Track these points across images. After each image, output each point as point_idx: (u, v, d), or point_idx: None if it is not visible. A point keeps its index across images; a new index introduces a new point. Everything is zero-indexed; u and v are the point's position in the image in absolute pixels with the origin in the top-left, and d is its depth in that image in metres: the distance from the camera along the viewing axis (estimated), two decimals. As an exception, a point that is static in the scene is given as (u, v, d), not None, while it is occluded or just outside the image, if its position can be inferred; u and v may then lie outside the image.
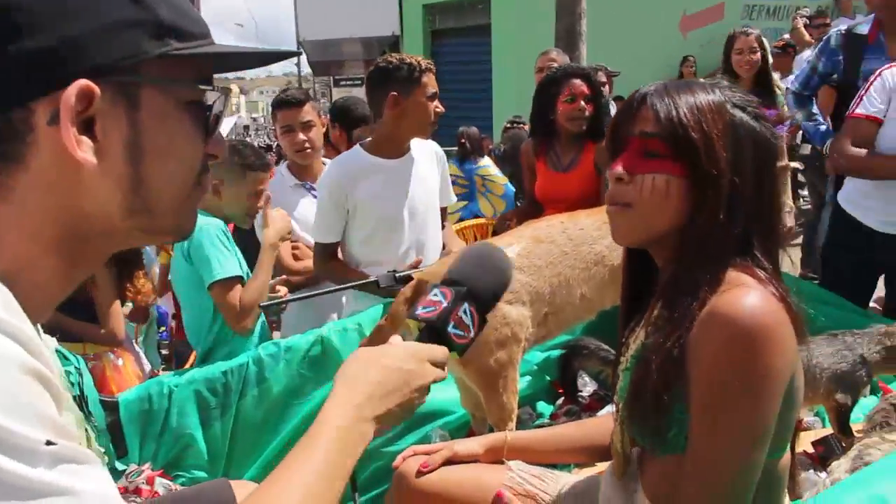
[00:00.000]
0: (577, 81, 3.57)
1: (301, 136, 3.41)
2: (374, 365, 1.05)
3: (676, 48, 8.74)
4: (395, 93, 2.86)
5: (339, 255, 3.04)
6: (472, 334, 1.19)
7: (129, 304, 3.78)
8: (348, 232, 3.00)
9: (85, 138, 0.74)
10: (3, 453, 0.61)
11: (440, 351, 1.13)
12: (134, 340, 3.91)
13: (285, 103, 3.48)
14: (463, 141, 6.93)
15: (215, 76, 0.88)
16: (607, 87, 5.89)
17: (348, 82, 23.03)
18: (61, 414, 0.69)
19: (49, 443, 0.64)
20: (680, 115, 1.27)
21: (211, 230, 2.69)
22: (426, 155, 3.09)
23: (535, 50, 5.54)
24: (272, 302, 2.87)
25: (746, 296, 1.19)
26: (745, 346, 1.16)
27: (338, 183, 2.93)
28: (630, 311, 1.50)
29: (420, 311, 1.19)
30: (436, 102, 2.92)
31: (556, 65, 5.11)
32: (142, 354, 3.70)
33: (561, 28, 7.86)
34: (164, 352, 5.03)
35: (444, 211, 3.29)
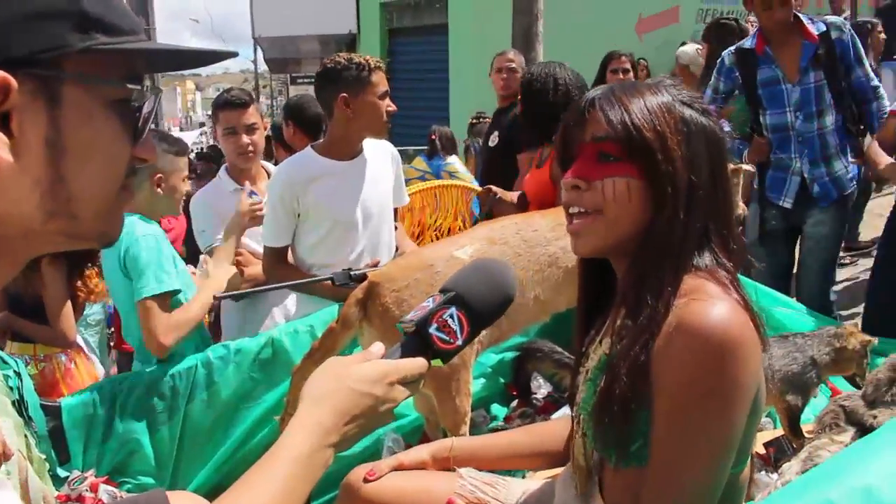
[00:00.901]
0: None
1: (245, 138, 3.28)
2: (343, 388, 1.02)
3: (632, 50, 8.81)
4: (344, 94, 2.82)
5: (290, 258, 2.98)
6: (458, 341, 1.12)
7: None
8: (299, 235, 2.93)
9: (0, 134, 0.69)
10: None
11: (415, 366, 1.09)
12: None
13: (229, 104, 3.34)
14: (433, 138, 7.19)
15: (170, 73, 0.83)
16: None
17: (305, 80, 22.86)
18: None
19: None
20: (631, 116, 1.26)
21: (149, 242, 2.52)
22: (380, 156, 3.04)
23: (492, 49, 5.54)
24: (228, 294, 2.81)
25: (714, 307, 1.17)
26: (714, 360, 1.14)
27: (289, 185, 2.87)
28: (588, 320, 1.47)
29: (410, 316, 1.15)
30: (387, 101, 2.88)
31: (513, 65, 5.11)
32: (96, 357, 3.62)
33: (518, 28, 7.86)
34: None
35: (397, 211, 3.25)
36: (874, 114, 3.69)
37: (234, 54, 0.89)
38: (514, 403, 2.77)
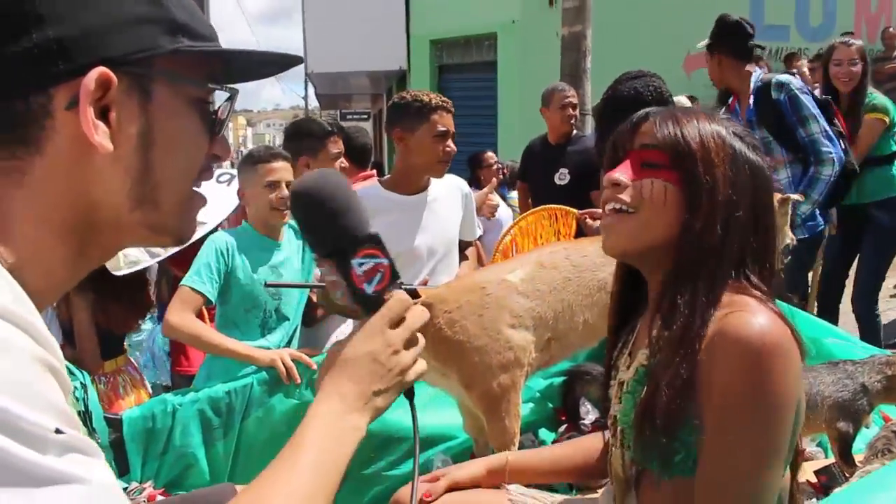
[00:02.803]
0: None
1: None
2: (340, 362, 1.00)
3: (680, 87, 8.83)
4: (398, 129, 2.91)
5: None
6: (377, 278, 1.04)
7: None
8: None
9: (101, 124, 0.77)
10: (13, 438, 0.61)
11: (394, 310, 1.01)
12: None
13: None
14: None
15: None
16: None
17: (355, 116, 23.25)
18: (68, 404, 0.70)
19: (58, 431, 0.64)
20: (682, 130, 1.30)
21: (216, 241, 2.81)
22: (449, 191, 3.10)
23: (540, 86, 5.58)
24: (278, 283, 2.91)
25: (755, 316, 1.20)
26: (760, 368, 1.17)
27: None
28: (618, 332, 1.51)
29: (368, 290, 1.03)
30: (447, 142, 2.92)
31: (575, 100, 5.15)
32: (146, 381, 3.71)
33: (566, 65, 7.95)
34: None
35: (468, 244, 3.31)
36: (810, 178, 3.76)
37: (300, 59, 0.96)
38: (563, 428, 2.79)
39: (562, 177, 5.00)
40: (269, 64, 0.95)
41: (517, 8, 11.64)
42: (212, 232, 3.19)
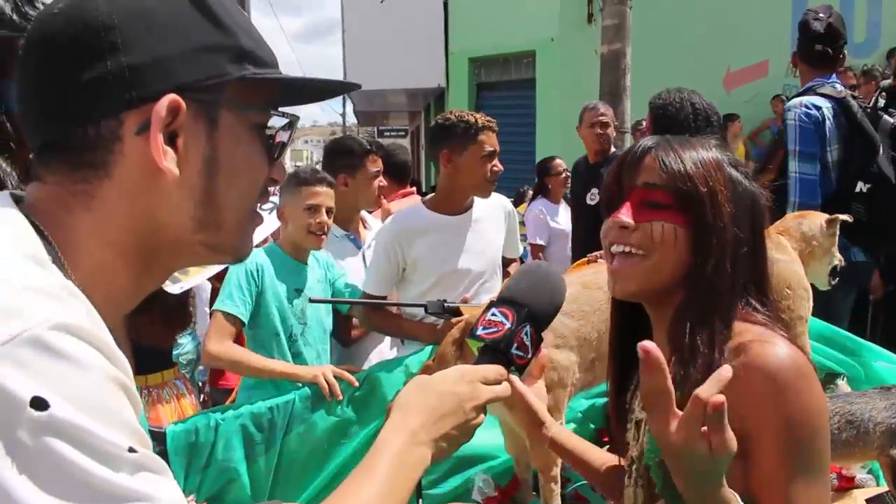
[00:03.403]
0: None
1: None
2: (427, 390, 1.04)
3: (720, 104, 8.79)
4: (446, 150, 2.92)
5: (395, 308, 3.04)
6: (530, 355, 1.18)
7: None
8: (405, 286, 3.01)
9: (169, 149, 0.79)
10: (89, 456, 0.63)
11: (493, 371, 1.11)
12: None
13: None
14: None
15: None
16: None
17: (392, 132, 23.41)
18: (138, 421, 0.71)
19: (132, 450, 0.66)
20: (686, 168, 1.29)
21: (246, 262, 2.72)
22: (492, 210, 3.11)
23: (579, 104, 5.59)
24: (321, 299, 2.92)
25: (775, 345, 1.22)
26: (795, 398, 1.19)
27: (395, 238, 2.97)
28: (623, 371, 1.49)
29: (481, 332, 1.17)
30: (494, 161, 2.93)
31: (606, 119, 5.14)
32: (195, 391, 3.76)
33: (605, 83, 7.94)
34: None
35: (511, 262, 3.33)
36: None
37: (357, 86, 0.99)
38: (605, 449, 2.76)
39: (592, 197, 5.00)
40: (327, 90, 0.97)
41: (556, 26, 11.66)
42: None
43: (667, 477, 1.30)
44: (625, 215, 1.31)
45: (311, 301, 2.85)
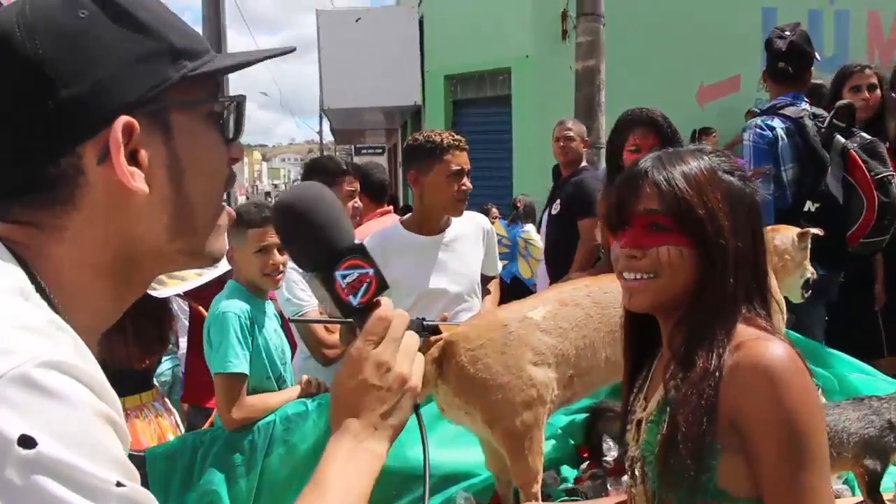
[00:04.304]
0: (641, 131, 3.44)
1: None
2: (342, 393, 1.00)
3: (694, 118, 8.88)
4: (413, 171, 2.94)
5: None
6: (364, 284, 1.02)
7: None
8: None
9: (136, 170, 0.79)
10: (77, 492, 0.63)
11: (373, 326, 1.00)
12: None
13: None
14: (518, 206, 7.51)
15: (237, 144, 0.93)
16: None
17: (369, 150, 23.41)
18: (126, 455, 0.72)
19: (119, 484, 0.66)
20: (682, 190, 1.36)
21: (229, 319, 2.64)
22: (470, 229, 3.14)
23: (555, 120, 5.65)
24: (303, 319, 2.90)
25: (772, 343, 1.29)
26: (794, 387, 1.25)
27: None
28: (633, 377, 1.58)
29: (361, 297, 1.02)
30: (463, 180, 2.94)
31: (571, 133, 5.21)
32: (175, 412, 3.72)
33: (580, 99, 8.02)
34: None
35: (491, 279, 3.33)
36: None
37: (291, 49, 0.95)
38: (585, 465, 2.78)
39: (555, 207, 5.07)
40: (261, 54, 0.94)
41: (530, 43, 11.75)
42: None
43: (661, 471, 1.36)
44: (631, 243, 1.39)
45: (291, 321, 2.83)
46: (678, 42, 11.36)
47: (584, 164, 5.19)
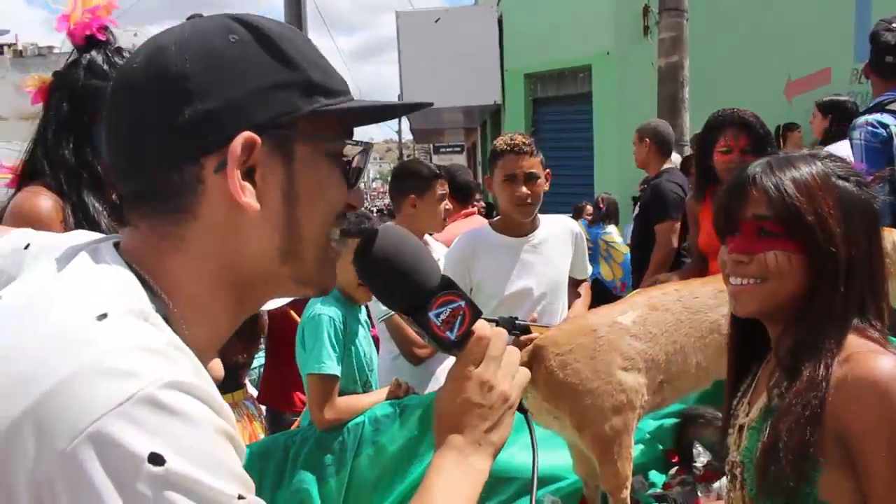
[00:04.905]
0: (732, 132, 3.38)
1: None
2: (438, 418, 1.03)
3: (781, 114, 8.61)
4: (488, 176, 3.10)
5: None
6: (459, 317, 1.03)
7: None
8: None
9: (248, 184, 0.83)
10: None
11: (474, 348, 1.02)
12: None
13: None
14: (601, 206, 7.37)
15: None
16: None
17: (448, 149, 23.49)
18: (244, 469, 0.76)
19: (241, 497, 0.71)
20: (791, 196, 1.34)
21: (324, 321, 2.73)
22: (558, 232, 3.16)
23: (637, 117, 5.58)
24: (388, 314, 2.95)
25: (883, 357, 1.27)
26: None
27: (462, 259, 3.06)
28: (737, 380, 1.57)
29: (456, 331, 1.03)
30: (518, 185, 2.97)
31: (635, 137, 5.14)
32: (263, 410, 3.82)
33: (663, 96, 7.90)
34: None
35: (580, 283, 3.35)
36: None
37: (429, 104, 1.01)
38: (674, 471, 2.75)
39: (637, 210, 5.05)
40: (398, 110, 1.01)
41: (611, 39, 11.61)
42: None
43: (759, 482, 1.35)
44: (739, 249, 1.39)
45: (381, 320, 2.88)
46: (764, 35, 11.06)
47: (667, 165, 5.08)
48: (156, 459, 0.66)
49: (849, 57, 10.95)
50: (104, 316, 0.73)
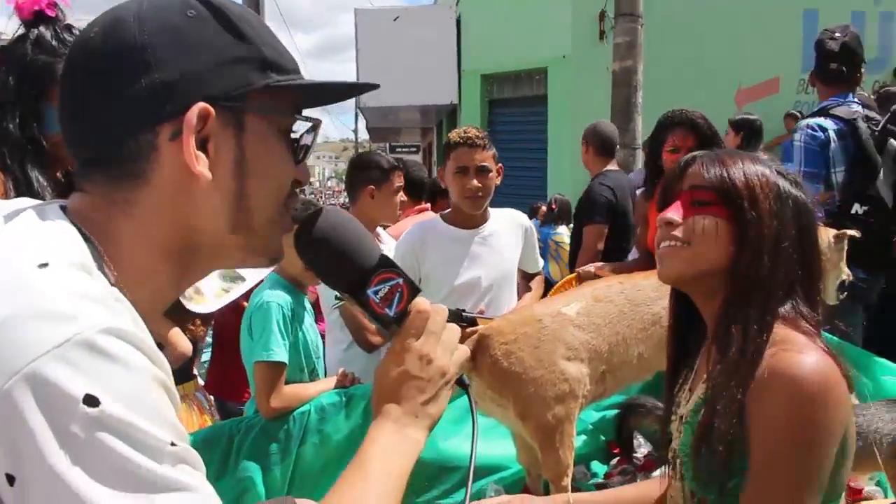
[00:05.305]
0: (681, 132, 3.47)
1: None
2: (378, 389, 1.05)
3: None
4: (440, 167, 3.13)
5: None
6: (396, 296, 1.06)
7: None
8: None
9: (201, 154, 0.85)
10: (135, 449, 0.69)
11: (415, 321, 1.04)
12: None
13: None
14: (553, 207, 7.41)
15: None
16: None
17: (404, 149, 23.48)
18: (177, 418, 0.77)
19: (173, 444, 0.72)
20: (729, 171, 1.39)
21: (273, 309, 2.72)
22: (507, 224, 3.19)
23: (591, 120, 5.60)
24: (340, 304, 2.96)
25: (806, 356, 1.27)
26: (806, 407, 1.24)
27: (411, 250, 3.08)
28: (677, 368, 1.58)
29: (395, 307, 1.05)
30: (469, 178, 3.00)
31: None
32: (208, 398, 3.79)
33: (617, 100, 8.00)
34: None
35: (532, 276, 3.39)
36: None
37: (375, 86, 1.03)
38: (615, 461, 2.79)
39: None
40: (348, 90, 1.03)
41: (568, 43, 11.73)
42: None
43: (695, 470, 1.37)
44: (670, 212, 1.42)
45: (334, 307, 2.88)
46: (717, 44, 11.28)
47: (610, 167, 4.96)
48: (91, 401, 0.67)
49: (797, 66, 11.22)
50: (45, 265, 0.74)
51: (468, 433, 2.60)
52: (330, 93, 1.01)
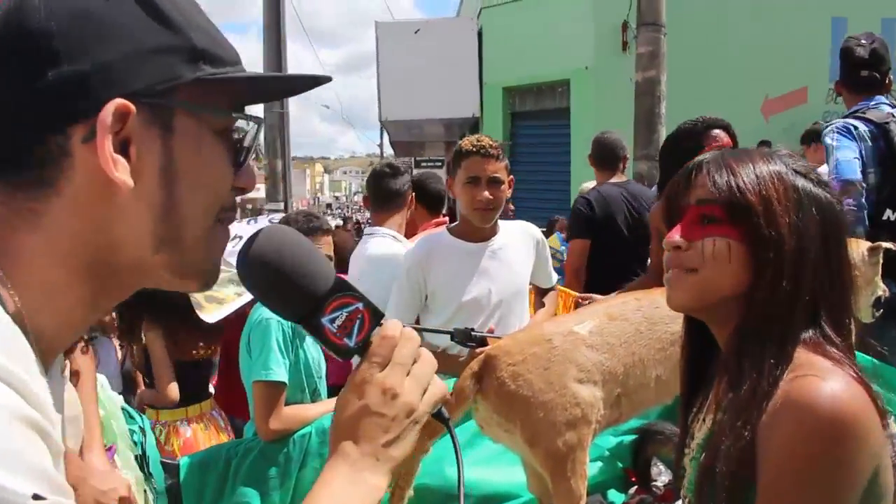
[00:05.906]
0: (720, 133, 3.10)
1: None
2: (335, 425, 0.92)
3: (758, 132, 8.64)
4: (450, 177, 2.98)
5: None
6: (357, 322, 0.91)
7: None
8: (426, 318, 2.95)
9: (121, 158, 0.73)
10: None
11: (379, 348, 0.91)
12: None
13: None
14: None
15: (300, 156, 0.86)
16: None
17: (429, 163, 23.45)
18: (57, 468, 0.65)
19: (36, 496, 0.59)
20: (737, 180, 1.23)
21: (272, 326, 2.62)
22: (519, 237, 3.04)
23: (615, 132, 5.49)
24: (416, 326, 2.86)
25: (826, 382, 1.11)
26: (823, 440, 1.08)
27: (417, 264, 2.94)
28: (691, 397, 1.43)
29: (355, 338, 0.91)
30: (480, 189, 2.85)
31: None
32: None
33: (640, 110, 7.87)
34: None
35: (546, 291, 3.24)
36: None
37: (327, 79, 0.88)
38: (633, 490, 2.66)
39: None
40: (296, 86, 0.90)
41: (590, 54, 11.64)
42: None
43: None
44: (677, 234, 1.27)
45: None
46: (743, 53, 11.14)
47: (614, 179, 4.83)
48: None
49: (825, 76, 11.02)
50: None
51: (476, 458, 2.49)
52: (275, 88, 0.88)
